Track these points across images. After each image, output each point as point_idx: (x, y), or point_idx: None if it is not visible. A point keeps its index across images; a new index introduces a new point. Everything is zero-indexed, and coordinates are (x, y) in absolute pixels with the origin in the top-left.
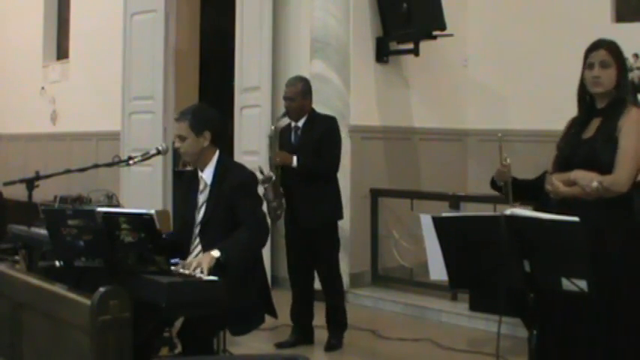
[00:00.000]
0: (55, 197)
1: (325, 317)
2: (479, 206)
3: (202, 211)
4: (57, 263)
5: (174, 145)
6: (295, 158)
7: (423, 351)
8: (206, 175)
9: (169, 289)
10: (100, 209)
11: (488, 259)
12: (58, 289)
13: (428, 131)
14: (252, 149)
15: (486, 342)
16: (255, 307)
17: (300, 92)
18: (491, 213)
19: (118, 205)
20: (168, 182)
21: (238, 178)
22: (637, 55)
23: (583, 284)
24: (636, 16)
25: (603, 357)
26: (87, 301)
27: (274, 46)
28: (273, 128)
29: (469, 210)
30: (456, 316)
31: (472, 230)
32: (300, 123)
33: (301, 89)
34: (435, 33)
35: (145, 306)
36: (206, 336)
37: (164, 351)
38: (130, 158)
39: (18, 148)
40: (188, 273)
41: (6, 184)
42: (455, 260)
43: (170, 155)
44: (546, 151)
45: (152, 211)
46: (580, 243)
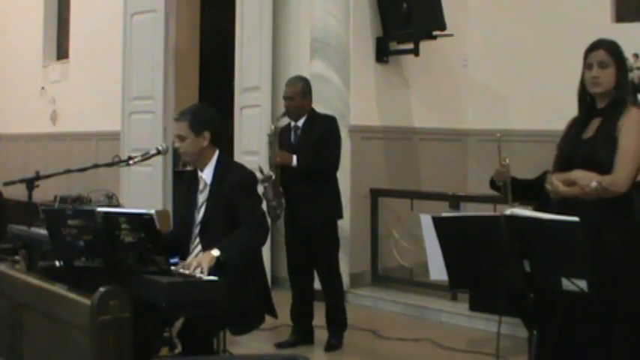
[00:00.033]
0: (55, 197)
1: (325, 317)
2: (479, 206)
3: (202, 211)
4: (57, 263)
5: (174, 145)
6: (295, 158)
7: (423, 351)
8: (206, 175)
9: (169, 289)
10: (100, 209)
11: (488, 259)
12: (58, 289)
13: (428, 131)
14: (252, 149)
15: (486, 342)
16: (255, 307)
17: (299, 92)
18: (491, 213)
19: (118, 205)
20: (168, 182)
21: (238, 178)
22: (637, 55)
23: (583, 284)
24: (636, 16)
25: (603, 357)
26: (87, 301)
27: (274, 46)
28: (273, 128)
29: (469, 210)
30: (456, 316)
31: (472, 230)
32: (299, 123)
33: (301, 89)
34: (435, 33)
35: (145, 306)
36: (206, 336)
37: (164, 351)
38: (130, 158)
39: (18, 148)
40: (188, 273)
41: (6, 184)
42: (455, 260)
43: (170, 155)
44: (546, 151)
45: (152, 211)
46: (580, 243)
